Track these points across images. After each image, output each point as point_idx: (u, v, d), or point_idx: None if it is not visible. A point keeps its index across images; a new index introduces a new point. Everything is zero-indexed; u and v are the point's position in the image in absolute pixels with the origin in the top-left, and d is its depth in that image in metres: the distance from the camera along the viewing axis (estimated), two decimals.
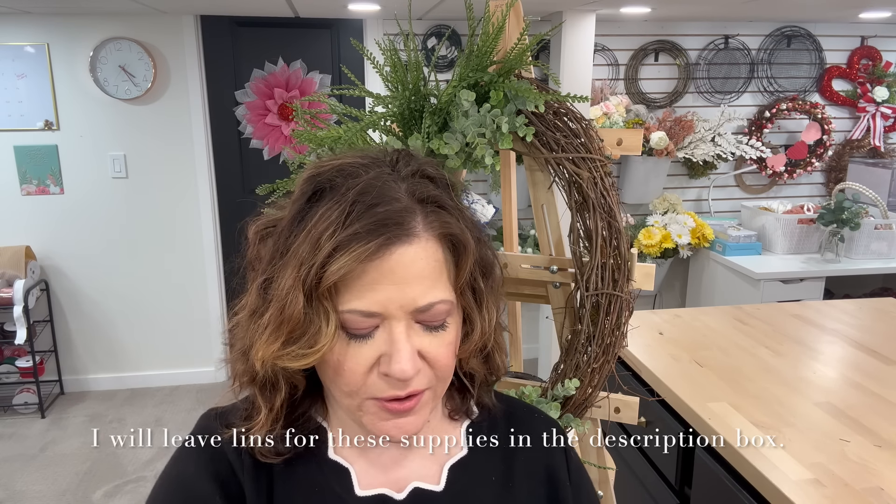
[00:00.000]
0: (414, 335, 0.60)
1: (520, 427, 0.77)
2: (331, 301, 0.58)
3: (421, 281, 0.58)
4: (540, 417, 0.80)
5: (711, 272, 3.50)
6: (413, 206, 0.59)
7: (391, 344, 0.58)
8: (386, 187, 0.59)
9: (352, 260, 0.55)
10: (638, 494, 1.75)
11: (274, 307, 0.58)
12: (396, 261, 0.57)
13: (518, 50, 0.93)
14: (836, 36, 3.67)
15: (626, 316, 0.99)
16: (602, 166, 0.96)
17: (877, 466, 1.19)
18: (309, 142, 1.01)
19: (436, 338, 0.61)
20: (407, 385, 0.60)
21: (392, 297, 0.57)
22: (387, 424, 0.62)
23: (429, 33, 3.33)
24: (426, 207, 0.60)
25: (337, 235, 0.56)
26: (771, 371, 1.59)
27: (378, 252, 0.56)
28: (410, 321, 0.59)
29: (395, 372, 0.58)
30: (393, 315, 0.58)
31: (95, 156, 3.30)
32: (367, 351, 0.59)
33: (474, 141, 0.92)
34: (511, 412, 0.78)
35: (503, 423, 0.77)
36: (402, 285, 0.57)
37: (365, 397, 0.61)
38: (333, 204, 0.58)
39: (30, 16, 3.11)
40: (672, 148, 3.35)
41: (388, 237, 0.56)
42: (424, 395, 0.63)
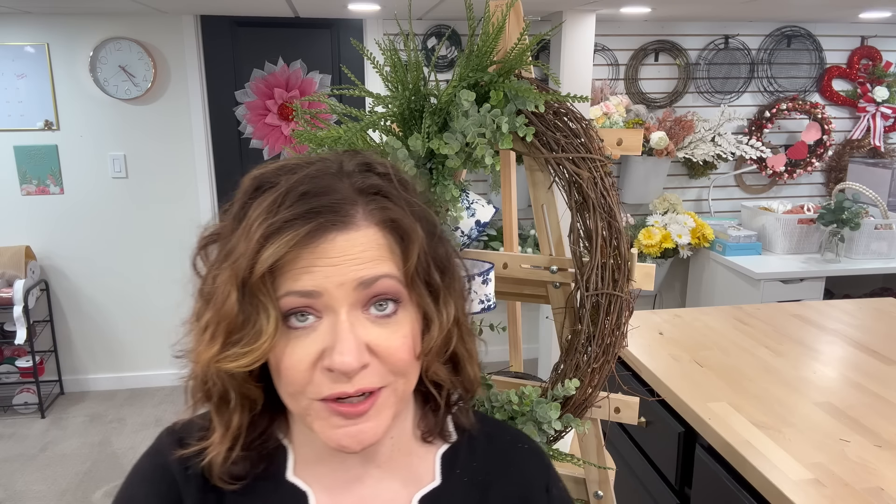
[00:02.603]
0: (360, 326, 0.56)
1: (501, 457, 0.71)
2: (268, 295, 0.55)
3: (362, 261, 0.55)
4: (523, 448, 0.74)
5: (711, 272, 3.50)
6: (354, 196, 0.57)
7: (334, 334, 0.55)
8: (325, 179, 0.58)
9: (282, 245, 0.53)
10: (638, 494, 1.75)
11: (212, 308, 0.56)
12: (332, 246, 0.55)
13: (518, 50, 0.93)
14: (836, 36, 3.66)
15: (626, 316, 0.99)
16: (602, 166, 0.96)
17: (877, 466, 1.19)
18: (309, 142, 1.01)
19: (386, 328, 0.57)
20: (353, 380, 0.55)
21: (330, 275, 0.54)
22: (338, 433, 0.57)
23: (429, 33, 3.33)
24: (367, 198, 0.58)
25: (267, 221, 0.54)
26: (771, 371, 1.59)
27: (311, 237, 0.54)
28: (355, 309, 0.56)
29: (336, 364, 0.54)
30: (333, 298, 0.55)
31: (95, 156, 3.30)
32: (310, 345, 0.55)
33: (474, 141, 0.92)
34: (492, 439, 0.73)
35: (482, 451, 0.71)
36: (340, 266, 0.55)
37: (311, 398, 0.57)
38: (268, 195, 0.57)
39: (30, 16, 3.11)
40: (672, 148, 3.35)
41: (320, 222, 0.54)
42: (381, 395, 0.58)
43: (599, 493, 1.11)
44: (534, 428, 1.00)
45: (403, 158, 0.93)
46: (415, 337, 0.60)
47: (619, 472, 1.84)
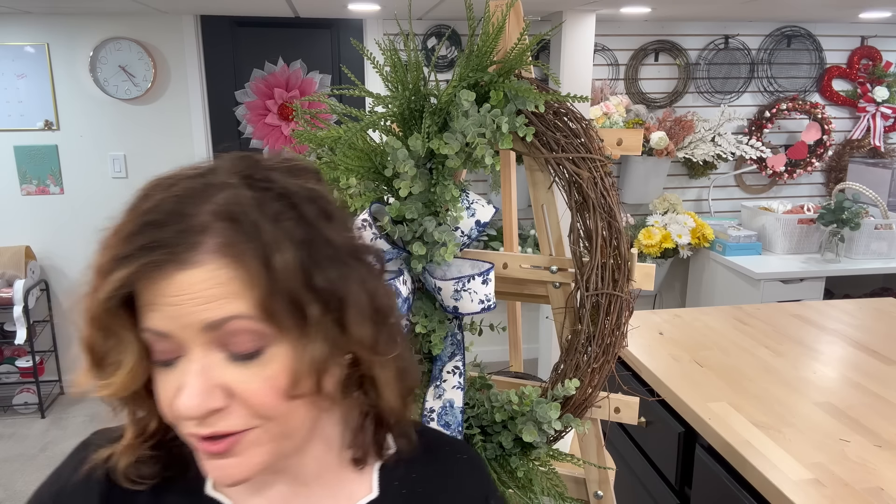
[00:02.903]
0: (216, 368, 0.52)
1: (440, 469, 0.70)
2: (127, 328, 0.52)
3: (205, 300, 0.51)
4: (463, 459, 0.72)
5: (711, 272, 3.50)
6: (208, 224, 0.51)
7: (184, 375, 0.52)
8: (182, 203, 0.52)
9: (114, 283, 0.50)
10: (638, 494, 1.75)
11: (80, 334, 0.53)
12: (172, 285, 0.50)
13: (518, 50, 0.93)
14: (836, 36, 3.66)
15: (626, 316, 0.99)
16: (602, 166, 0.96)
17: (877, 466, 1.19)
18: (309, 142, 1.01)
19: (247, 370, 0.52)
20: (206, 425, 0.52)
21: (173, 316, 0.50)
22: (210, 465, 0.55)
23: (429, 33, 3.33)
24: (226, 224, 0.52)
25: (107, 254, 0.51)
26: (771, 371, 1.59)
27: (149, 271, 0.50)
28: (210, 349, 0.52)
29: (179, 409, 0.51)
30: (185, 338, 0.51)
31: (95, 156, 3.30)
32: (170, 382, 0.52)
33: (474, 141, 0.92)
34: (432, 451, 0.70)
35: (422, 464, 0.69)
36: (180, 306, 0.51)
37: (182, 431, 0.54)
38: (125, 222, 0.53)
39: (30, 16, 3.11)
40: (672, 148, 3.35)
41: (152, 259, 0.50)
42: (248, 436, 0.54)
43: (599, 493, 1.11)
44: (534, 428, 1.00)
45: (403, 158, 0.93)
46: (286, 374, 0.54)
47: (619, 472, 1.84)
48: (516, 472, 1.04)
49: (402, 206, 0.95)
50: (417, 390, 1.05)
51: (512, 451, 1.05)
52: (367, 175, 0.98)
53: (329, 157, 1.00)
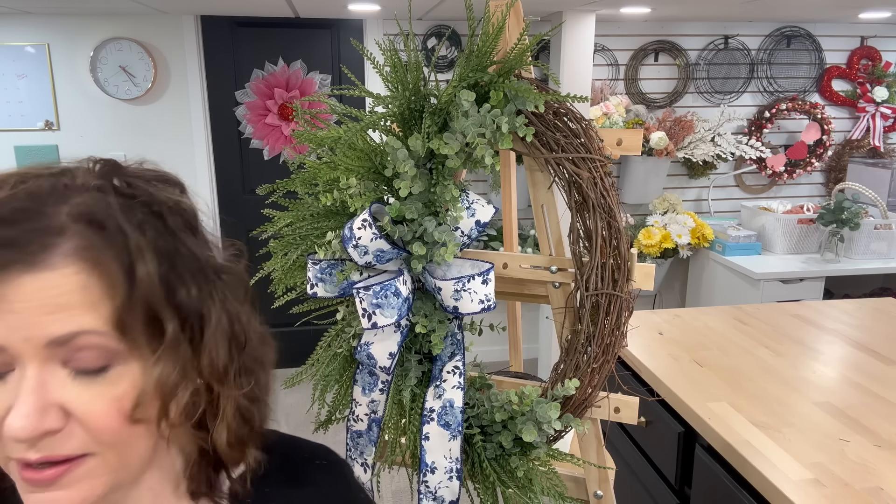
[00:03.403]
0: (55, 383, 0.47)
1: (296, 480, 0.65)
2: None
3: (53, 309, 0.46)
4: (322, 465, 0.67)
5: (711, 272, 3.50)
6: (68, 225, 0.47)
7: (17, 393, 0.46)
8: (34, 201, 0.48)
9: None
10: (638, 494, 1.75)
11: None
12: (17, 290, 0.45)
13: (518, 50, 0.93)
14: (836, 36, 3.67)
15: (626, 316, 0.99)
16: (602, 166, 0.96)
17: (877, 466, 1.19)
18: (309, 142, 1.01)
19: (90, 388, 0.47)
20: (36, 448, 0.46)
21: (13, 327, 0.45)
22: (31, 498, 0.48)
23: (429, 33, 3.33)
24: (86, 228, 0.47)
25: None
26: (771, 371, 1.59)
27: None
28: (51, 364, 0.47)
29: (9, 429, 0.45)
30: (21, 352, 0.46)
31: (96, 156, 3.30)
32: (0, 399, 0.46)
33: (474, 141, 0.92)
34: (287, 461, 0.65)
35: (275, 477, 0.63)
36: (23, 314, 0.45)
37: (5, 456, 0.48)
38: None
39: (30, 16, 3.11)
40: (672, 148, 3.35)
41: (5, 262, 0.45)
42: (83, 464, 0.48)
43: (599, 493, 1.11)
44: (534, 428, 1.01)
45: (403, 158, 0.93)
46: (131, 396, 0.49)
47: (619, 472, 1.85)
48: (516, 472, 1.04)
49: (402, 206, 0.95)
50: (417, 390, 1.05)
51: (512, 451, 1.05)
52: (367, 175, 0.98)
53: (329, 157, 1.01)
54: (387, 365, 1.01)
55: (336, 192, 0.99)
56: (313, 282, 1.03)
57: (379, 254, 0.95)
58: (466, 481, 1.09)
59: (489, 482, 1.05)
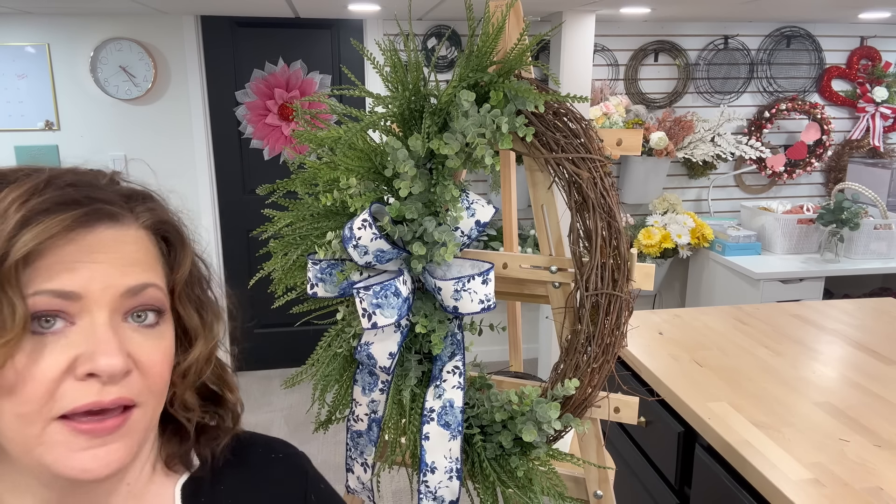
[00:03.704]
0: (122, 333, 0.50)
1: (251, 473, 0.65)
2: (16, 287, 0.46)
3: (132, 263, 0.50)
4: (278, 458, 0.68)
5: (711, 272, 3.50)
6: (116, 198, 0.53)
7: (94, 338, 0.48)
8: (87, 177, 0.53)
9: (46, 230, 0.46)
10: (638, 494, 1.75)
11: None
12: (99, 240, 0.49)
13: (518, 50, 0.93)
14: (836, 36, 3.67)
15: (626, 316, 0.99)
16: (602, 166, 0.96)
17: (877, 466, 1.19)
18: (309, 142, 1.01)
19: (148, 340, 0.52)
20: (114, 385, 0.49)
21: (95, 277, 0.48)
22: (83, 456, 0.48)
23: (429, 33, 3.33)
24: (134, 202, 0.54)
25: (28, 203, 0.47)
26: (771, 371, 1.59)
27: (79, 225, 0.48)
28: (116, 315, 0.50)
29: (101, 366, 0.47)
30: (95, 301, 0.48)
31: (96, 156, 3.30)
32: (58, 353, 0.47)
33: (474, 141, 0.92)
34: (242, 455, 0.66)
35: (230, 472, 0.64)
36: (107, 265, 0.49)
37: (52, 417, 0.47)
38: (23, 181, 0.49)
39: (30, 16, 3.11)
40: (672, 148, 3.35)
41: (89, 210, 0.49)
42: (134, 414, 0.51)
43: (599, 493, 1.11)
44: (533, 427, 1.01)
45: (403, 158, 0.93)
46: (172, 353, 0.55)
47: (619, 472, 1.85)
48: (516, 472, 1.04)
49: (402, 206, 0.95)
50: (417, 390, 1.05)
51: (512, 451, 1.05)
52: (367, 175, 0.98)
53: (329, 157, 1.01)
54: (387, 365, 1.01)
55: (336, 192, 0.99)
56: (313, 282, 1.03)
57: (379, 254, 0.95)
58: (466, 481, 1.09)
59: (489, 482, 1.05)
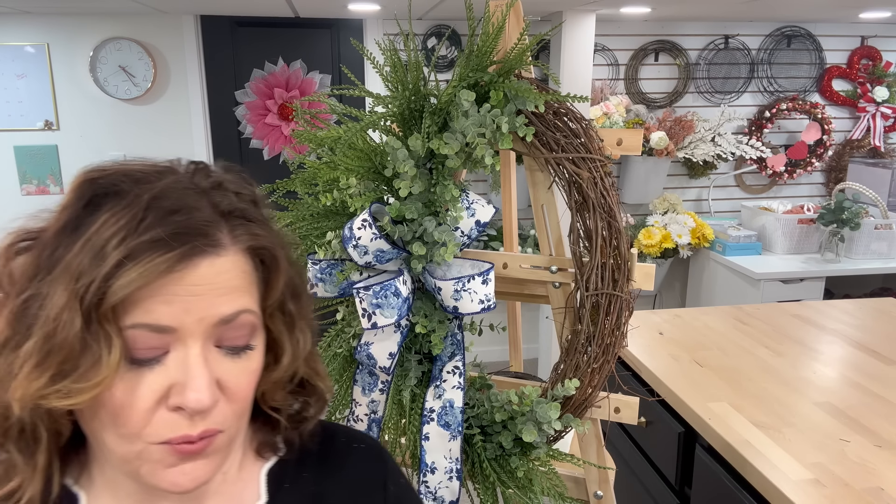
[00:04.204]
0: (213, 361, 0.51)
1: (333, 462, 0.67)
2: (114, 322, 0.47)
3: (227, 291, 0.51)
4: (359, 448, 0.69)
5: (711, 272, 3.50)
6: (216, 218, 0.51)
7: (186, 369, 0.49)
8: (185, 195, 0.51)
9: (147, 272, 0.46)
10: (638, 494, 1.75)
11: (39, 333, 0.47)
12: (201, 275, 0.49)
13: (518, 50, 0.93)
14: (836, 36, 3.66)
15: (626, 316, 0.99)
16: (602, 166, 0.96)
17: (877, 466, 1.19)
18: (309, 142, 1.01)
19: (238, 364, 0.53)
20: (202, 419, 0.51)
21: (191, 309, 0.49)
22: (172, 472, 0.51)
23: (429, 33, 3.33)
24: (231, 220, 0.53)
25: (128, 242, 0.47)
26: (771, 371, 1.59)
27: (179, 263, 0.48)
28: (209, 343, 0.51)
29: (190, 402, 0.49)
30: (189, 333, 0.49)
31: (95, 156, 3.29)
32: (155, 380, 0.49)
33: (474, 141, 0.92)
34: (326, 445, 0.68)
35: (314, 460, 0.66)
36: (201, 297, 0.49)
37: (149, 441, 0.50)
38: (122, 209, 0.49)
39: (30, 16, 3.11)
40: (672, 148, 3.35)
41: (193, 246, 0.48)
42: (219, 439, 0.53)
43: (599, 493, 1.11)
44: (534, 428, 1.00)
45: (403, 158, 0.93)
46: (260, 369, 0.56)
47: (619, 472, 1.84)
48: (516, 472, 1.04)
49: (402, 206, 0.95)
50: (417, 390, 1.05)
51: (512, 451, 1.05)
52: (367, 175, 0.98)
53: (329, 157, 1.00)
54: (387, 365, 1.00)
55: (336, 192, 0.99)
56: (313, 282, 1.03)
57: (379, 254, 0.95)
58: (466, 481, 1.09)
59: (489, 482, 1.05)
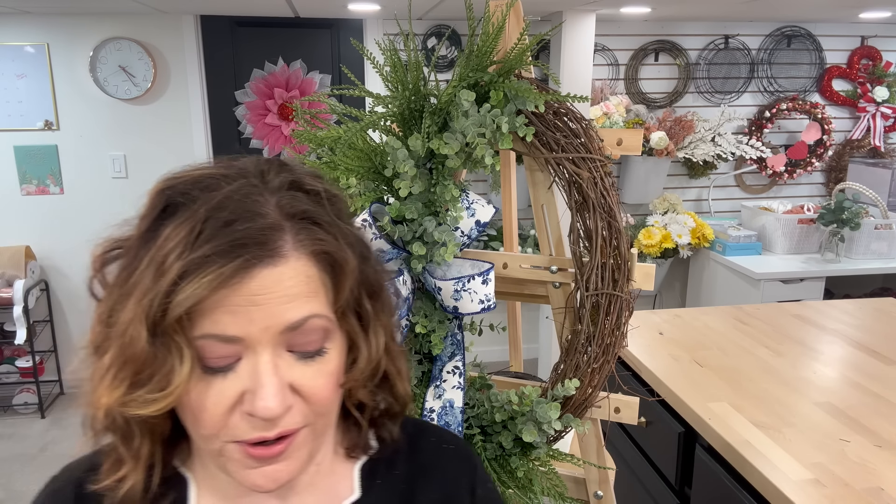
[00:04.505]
0: (284, 366, 0.52)
1: (424, 462, 0.68)
2: (183, 334, 0.49)
3: (291, 299, 0.51)
4: (448, 449, 0.70)
5: (711, 272, 3.50)
6: (281, 222, 0.51)
7: (255, 377, 0.50)
8: (248, 202, 0.51)
9: (203, 287, 0.48)
10: (638, 494, 1.75)
11: (116, 345, 0.50)
12: (259, 284, 0.49)
13: (518, 50, 0.93)
14: (836, 36, 3.66)
15: (626, 316, 0.99)
16: (602, 166, 0.96)
17: (877, 466, 1.19)
18: (309, 142, 1.01)
19: (311, 367, 0.53)
20: (275, 425, 0.52)
21: (255, 318, 0.49)
22: (253, 474, 0.53)
23: (429, 33, 3.33)
24: (297, 223, 0.52)
25: (185, 258, 0.48)
26: (771, 371, 1.59)
27: (235, 276, 0.48)
28: (279, 349, 0.52)
29: (258, 410, 0.50)
30: (257, 341, 0.50)
31: (95, 156, 3.30)
32: (228, 387, 0.51)
33: (474, 141, 0.92)
34: (416, 444, 0.69)
35: (405, 459, 0.67)
36: (264, 305, 0.50)
37: (226, 440, 0.52)
38: (183, 221, 0.50)
39: (30, 16, 3.11)
40: (672, 148, 3.35)
41: (247, 259, 0.49)
42: (299, 436, 0.54)
43: (599, 493, 1.11)
44: (534, 428, 1.00)
45: (403, 158, 0.93)
46: (340, 369, 0.56)
47: (619, 472, 1.84)
48: (516, 472, 1.04)
49: (402, 206, 0.95)
50: (417, 390, 1.05)
51: (512, 451, 1.05)
52: (367, 175, 0.98)
53: (329, 157, 1.00)
54: None
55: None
56: None
57: (379, 254, 0.95)
58: None
59: None
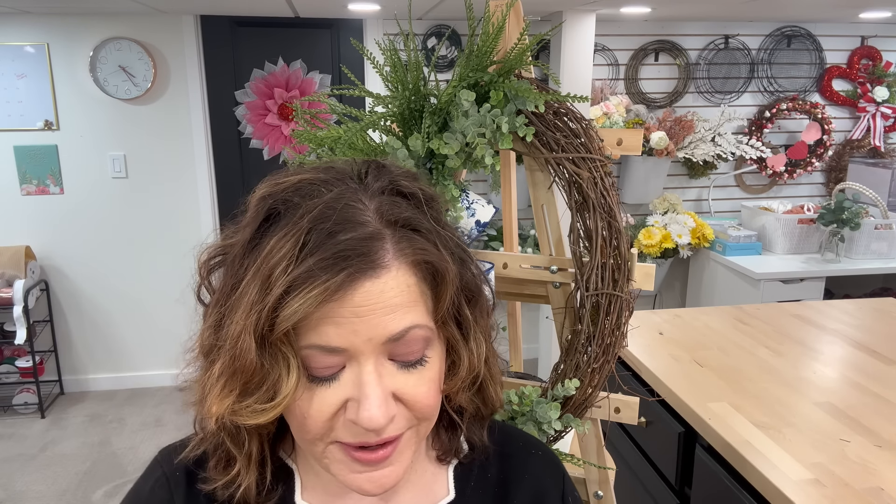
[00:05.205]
0: (387, 375, 0.52)
1: (514, 466, 0.69)
2: (290, 345, 0.50)
3: (392, 309, 0.51)
4: (537, 455, 0.71)
5: (711, 272, 3.50)
6: (382, 230, 0.51)
7: (359, 387, 0.51)
8: (349, 209, 0.51)
9: (308, 303, 0.48)
10: (638, 494, 1.75)
11: (225, 355, 0.51)
12: (362, 296, 0.49)
13: (518, 50, 0.93)
14: (836, 36, 3.66)
15: (626, 316, 0.99)
16: (602, 166, 0.96)
17: (877, 466, 1.19)
18: (309, 142, 1.01)
19: (413, 375, 0.53)
20: (378, 434, 0.52)
21: (358, 330, 0.50)
22: (359, 478, 0.54)
23: (429, 33, 3.33)
24: (397, 231, 0.52)
25: (290, 273, 0.49)
26: (771, 371, 1.59)
27: (339, 290, 0.49)
28: (382, 358, 0.52)
29: (363, 421, 0.50)
30: (360, 351, 0.51)
31: (95, 156, 3.30)
32: (332, 395, 0.52)
33: (474, 141, 0.92)
34: (505, 448, 0.70)
35: (496, 462, 0.69)
36: (368, 317, 0.50)
37: (329, 441, 0.54)
38: (287, 233, 0.50)
39: (30, 16, 3.11)
40: (672, 148, 3.35)
41: (350, 273, 0.49)
42: (402, 440, 0.55)
43: (599, 493, 1.11)
44: (534, 428, 1.00)
45: (403, 158, 0.93)
46: (441, 375, 0.57)
47: (619, 472, 1.84)
48: None
49: None
50: None
51: None
52: None
53: (329, 157, 1.00)
54: None
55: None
56: None
57: None
58: None
59: None
